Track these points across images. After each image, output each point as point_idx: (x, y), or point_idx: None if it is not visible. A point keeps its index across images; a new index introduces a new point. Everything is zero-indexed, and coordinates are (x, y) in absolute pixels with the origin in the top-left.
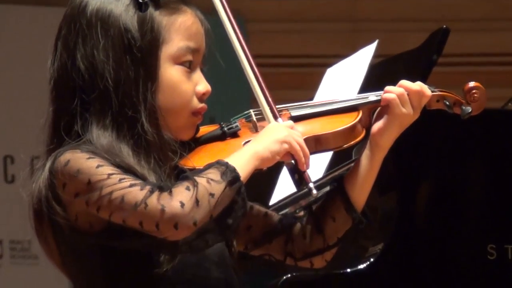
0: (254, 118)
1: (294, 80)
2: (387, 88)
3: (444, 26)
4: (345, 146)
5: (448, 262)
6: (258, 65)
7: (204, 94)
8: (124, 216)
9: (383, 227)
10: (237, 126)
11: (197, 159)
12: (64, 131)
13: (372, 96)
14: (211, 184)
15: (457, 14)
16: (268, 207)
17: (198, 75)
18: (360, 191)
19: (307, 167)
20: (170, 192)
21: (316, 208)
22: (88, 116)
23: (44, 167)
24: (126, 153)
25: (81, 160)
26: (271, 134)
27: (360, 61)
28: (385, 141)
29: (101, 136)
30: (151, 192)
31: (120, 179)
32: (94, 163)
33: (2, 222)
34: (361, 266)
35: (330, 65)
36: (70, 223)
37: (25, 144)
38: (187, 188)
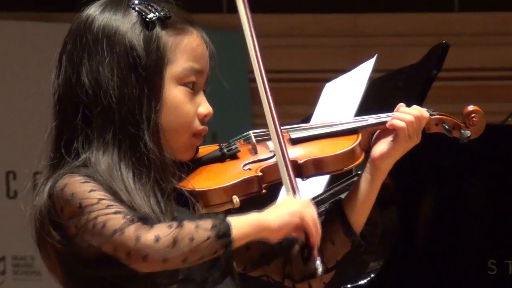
0: (253, 140)
1: (296, 95)
2: (397, 115)
3: (444, 41)
4: (345, 169)
5: (449, 278)
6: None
7: (205, 116)
8: (102, 241)
9: (384, 242)
10: (236, 148)
11: (196, 181)
12: (65, 147)
13: (371, 119)
14: (197, 230)
15: (457, 29)
16: None
17: (200, 97)
18: (360, 214)
19: (318, 244)
20: (151, 226)
21: None
22: (90, 133)
23: (46, 184)
24: (126, 173)
25: (76, 184)
26: (285, 206)
27: (359, 76)
28: (386, 166)
29: (100, 158)
30: (132, 221)
31: (108, 205)
32: (88, 187)
33: (5, 238)
34: (362, 282)
35: (331, 79)
36: (67, 248)
37: (28, 159)
38: (169, 226)
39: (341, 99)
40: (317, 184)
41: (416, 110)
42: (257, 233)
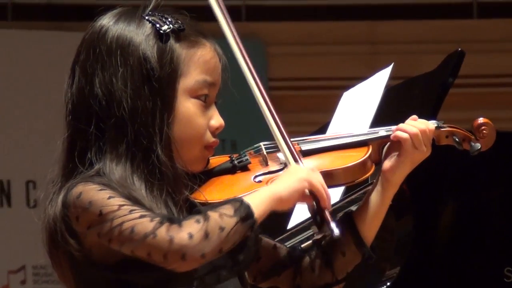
0: (264, 151)
1: (314, 102)
2: (401, 126)
3: (459, 48)
4: (356, 181)
5: (465, 286)
6: (278, 88)
7: (217, 128)
8: (133, 246)
9: (400, 251)
10: (247, 159)
11: (208, 193)
12: (78, 157)
13: (382, 131)
14: (222, 218)
15: (476, 35)
16: (286, 231)
17: (212, 110)
18: (370, 226)
19: (329, 207)
20: (180, 224)
21: (325, 242)
22: (103, 144)
23: (59, 194)
24: (139, 185)
25: (92, 191)
26: (291, 174)
27: (376, 84)
28: (396, 178)
29: (114, 168)
30: (161, 223)
31: (131, 210)
32: (106, 194)
33: (25, 248)
34: None
35: (349, 87)
36: (85, 256)
37: (48, 169)
38: (197, 221)
39: (357, 108)
40: (334, 193)
41: (422, 124)
42: (273, 206)
